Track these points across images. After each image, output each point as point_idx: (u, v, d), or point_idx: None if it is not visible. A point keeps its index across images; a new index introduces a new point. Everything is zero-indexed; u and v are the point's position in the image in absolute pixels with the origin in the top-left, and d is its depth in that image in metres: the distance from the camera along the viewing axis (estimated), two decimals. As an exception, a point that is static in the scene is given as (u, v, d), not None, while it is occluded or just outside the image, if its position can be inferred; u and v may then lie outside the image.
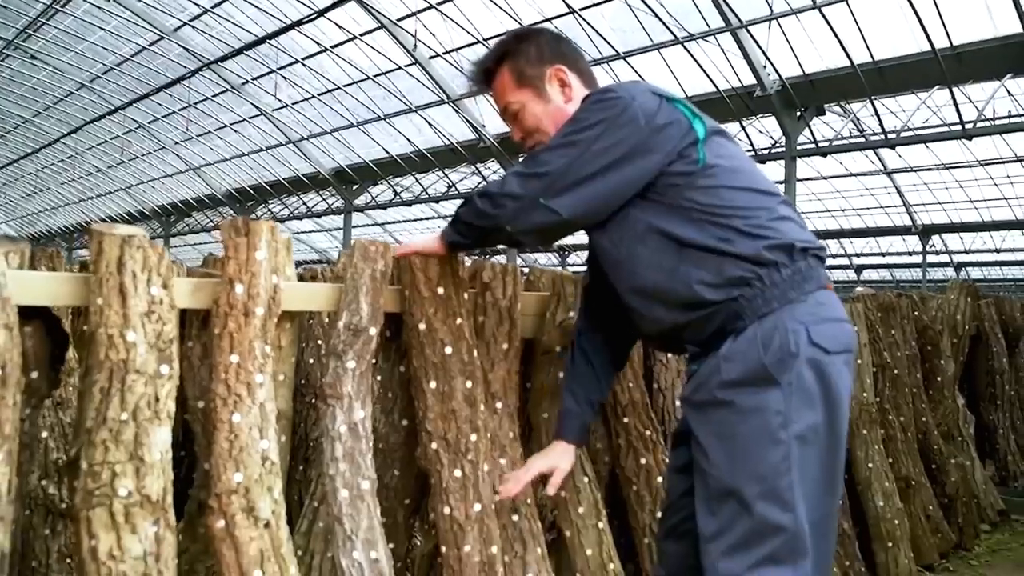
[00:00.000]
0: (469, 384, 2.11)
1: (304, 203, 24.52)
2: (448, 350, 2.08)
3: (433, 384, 2.09)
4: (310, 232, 26.87)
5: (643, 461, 2.53)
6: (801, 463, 1.69)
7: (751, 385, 1.72)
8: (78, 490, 1.63)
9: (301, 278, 2.71)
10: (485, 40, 14.01)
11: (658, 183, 1.81)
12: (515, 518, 2.21)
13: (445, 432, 2.09)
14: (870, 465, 3.46)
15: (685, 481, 1.93)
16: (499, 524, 2.17)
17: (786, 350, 1.71)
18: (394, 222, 23.98)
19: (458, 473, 2.08)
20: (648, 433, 2.54)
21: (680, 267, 1.80)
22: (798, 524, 1.67)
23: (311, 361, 2.87)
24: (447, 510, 2.07)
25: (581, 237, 2.22)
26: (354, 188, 21.76)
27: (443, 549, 2.08)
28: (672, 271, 1.81)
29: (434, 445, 2.09)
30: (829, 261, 20.76)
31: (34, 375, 1.80)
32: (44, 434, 2.40)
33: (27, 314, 1.69)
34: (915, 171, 15.67)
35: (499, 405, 2.23)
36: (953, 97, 11.37)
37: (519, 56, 2.04)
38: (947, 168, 15.32)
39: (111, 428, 1.63)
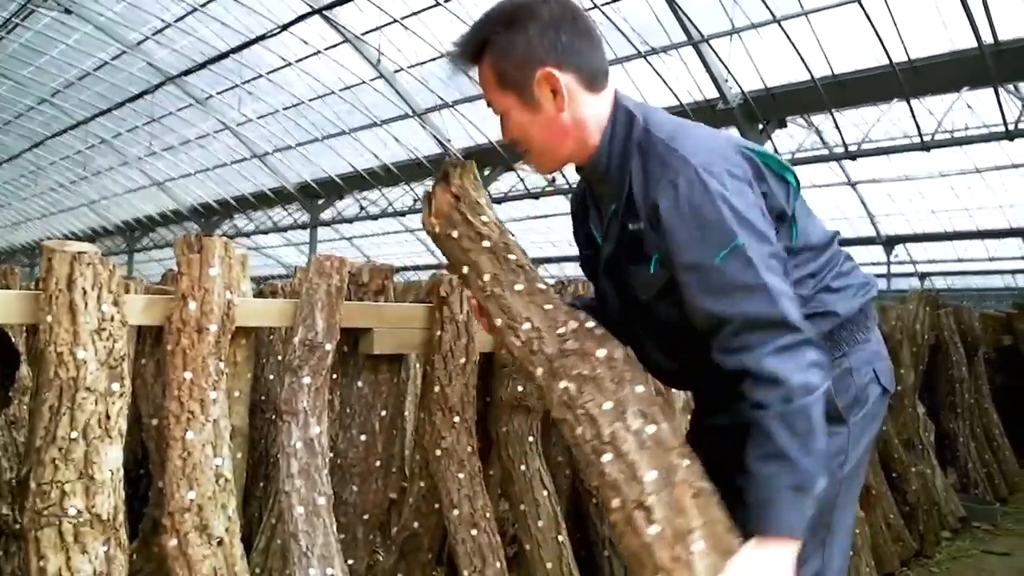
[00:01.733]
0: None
1: (270, 217, 24.36)
2: None
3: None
4: (278, 247, 26.68)
5: (603, 473, 2.53)
6: (845, 495, 1.71)
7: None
8: (27, 510, 1.61)
9: (261, 293, 2.70)
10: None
11: None
12: (474, 532, 2.21)
13: None
14: (830, 474, 3.49)
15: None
16: (458, 539, 2.16)
17: (859, 394, 1.69)
18: (362, 236, 23.87)
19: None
20: (608, 445, 2.55)
21: None
22: (826, 558, 1.68)
23: (271, 377, 2.85)
24: None
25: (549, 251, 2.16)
26: (320, 202, 21.67)
27: None
28: None
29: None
30: (794, 272, 20.97)
31: (-18, 394, 1.78)
32: (-4, 454, 2.36)
33: (-25, 332, 1.67)
34: (878, 182, 15.90)
35: (456, 419, 2.22)
36: (911, 109, 11.57)
37: (502, 52, 1.63)
38: (909, 179, 15.56)
39: (60, 447, 1.61)
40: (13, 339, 1.92)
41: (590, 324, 1.68)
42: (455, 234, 1.77)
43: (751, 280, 1.47)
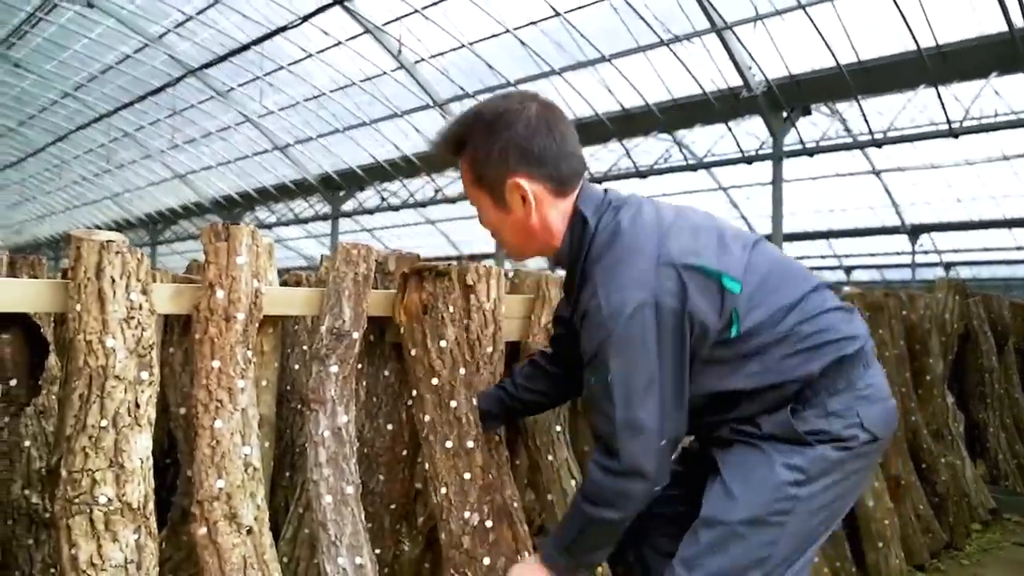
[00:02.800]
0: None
1: (291, 209, 24.44)
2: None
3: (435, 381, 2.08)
4: (298, 239, 26.78)
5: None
6: (798, 526, 1.73)
7: (785, 442, 1.74)
8: (58, 498, 1.61)
9: (285, 283, 2.69)
10: (470, 44, 14.01)
11: (700, 355, 1.73)
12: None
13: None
14: (859, 464, 3.45)
15: (669, 505, 1.92)
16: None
17: (825, 428, 1.72)
18: (383, 227, 23.92)
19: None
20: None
21: (733, 405, 1.79)
22: (772, 569, 1.72)
23: (297, 367, 2.85)
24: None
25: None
26: (341, 194, 21.71)
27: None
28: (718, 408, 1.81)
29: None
30: (818, 262, 20.82)
31: (13, 383, 1.78)
32: (27, 443, 2.36)
33: (5, 321, 1.67)
34: (903, 170, 15.73)
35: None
36: (939, 96, 11.41)
37: (479, 155, 1.77)
38: (935, 167, 15.39)
39: (91, 435, 1.61)
40: (42, 329, 1.92)
41: (489, 524, 2.02)
42: (413, 352, 2.07)
43: (605, 408, 1.69)
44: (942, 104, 11.49)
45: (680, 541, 1.77)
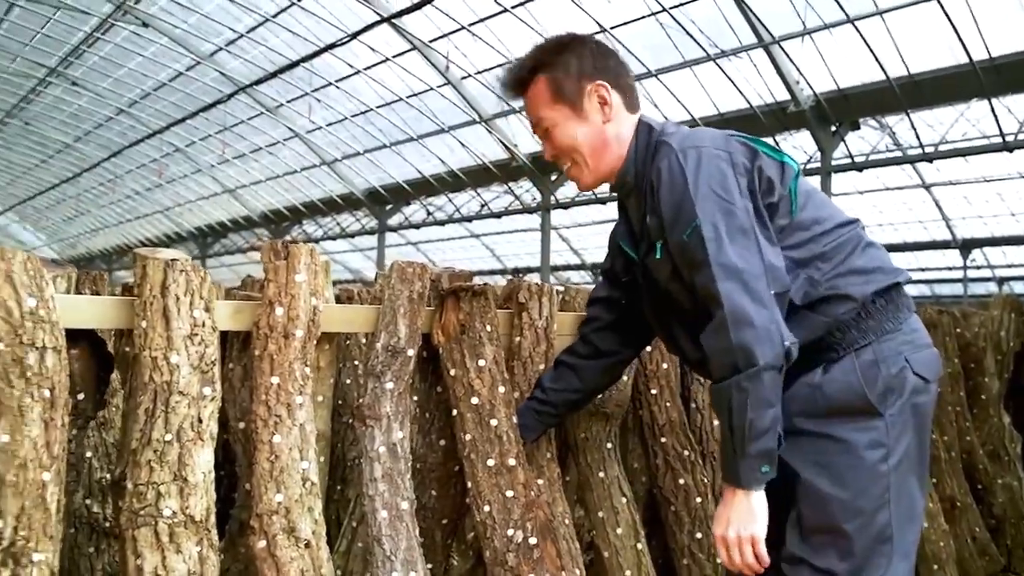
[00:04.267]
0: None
1: (338, 223, 24.71)
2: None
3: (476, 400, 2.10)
4: (344, 252, 27.05)
5: (681, 481, 2.51)
6: (898, 491, 1.73)
7: (850, 417, 1.74)
8: (123, 510, 1.65)
9: (338, 298, 2.73)
10: (527, 51, 14.06)
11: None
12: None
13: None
14: (913, 484, 3.41)
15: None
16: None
17: (891, 384, 1.73)
18: (427, 241, 24.07)
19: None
20: (686, 453, 2.53)
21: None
22: (893, 553, 1.72)
23: (348, 381, 2.89)
24: None
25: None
26: (387, 208, 21.90)
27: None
28: None
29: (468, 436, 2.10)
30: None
31: (80, 397, 1.83)
32: (88, 454, 2.43)
33: (73, 337, 1.72)
34: (954, 184, 15.47)
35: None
36: (992, 109, 11.22)
37: (557, 68, 1.87)
38: (987, 181, 15.11)
39: (156, 449, 1.65)
40: (106, 344, 1.98)
41: (533, 541, 2.03)
42: (452, 372, 2.10)
43: (700, 257, 1.66)
44: (995, 117, 11.29)
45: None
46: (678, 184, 1.70)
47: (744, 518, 1.69)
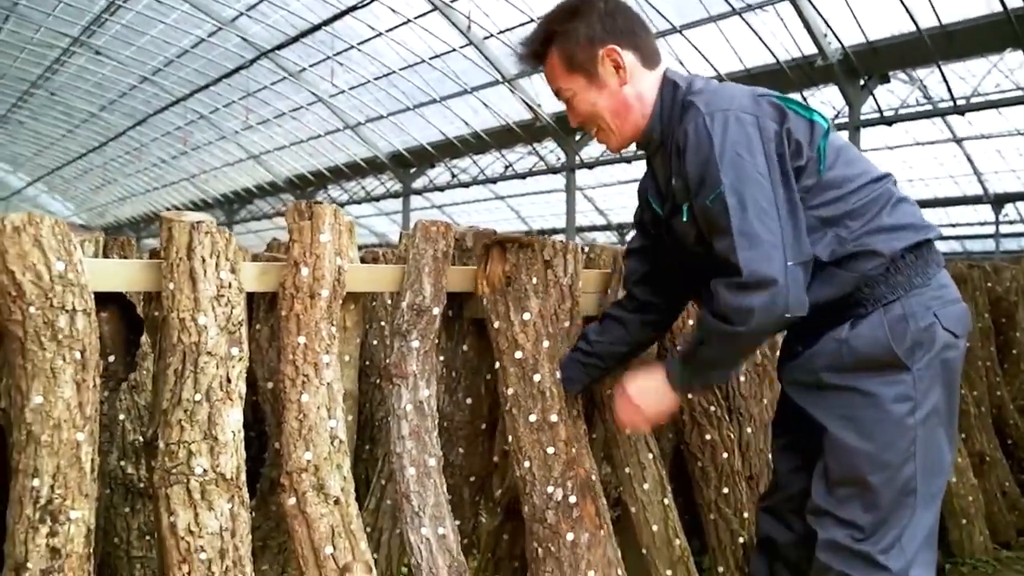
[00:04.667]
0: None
1: (363, 187, 24.74)
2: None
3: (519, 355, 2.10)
4: (369, 216, 27.10)
5: (708, 437, 2.51)
6: (925, 444, 1.74)
7: (878, 371, 1.74)
8: (156, 469, 1.68)
9: (363, 260, 2.74)
10: (539, 18, 13.91)
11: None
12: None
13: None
14: (942, 439, 3.39)
15: (791, 460, 1.98)
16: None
17: (919, 338, 1.73)
18: (452, 204, 24.06)
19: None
20: (713, 409, 2.52)
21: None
22: (918, 505, 1.74)
23: (375, 342, 2.91)
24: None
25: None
26: (411, 171, 21.88)
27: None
28: None
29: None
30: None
31: (111, 359, 1.86)
32: (121, 416, 2.47)
33: (103, 300, 1.75)
34: (987, 138, 15.18)
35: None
36: (1026, 60, 10.98)
37: (568, 37, 1.86)
38: (1021, 134, 14.81)
39: (186, 408, 1.68)
40: (136, 307, 2.00)
41: (572, 499, 2.05)
42: (496, 324, 2.10)
43: (722, 222, 1.68)
44: (1030, 68, 11.05)
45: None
46: (704, 148, 1.69)
47: (655, 400, 1.93)
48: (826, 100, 13.79)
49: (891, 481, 1.72)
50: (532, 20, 13.89)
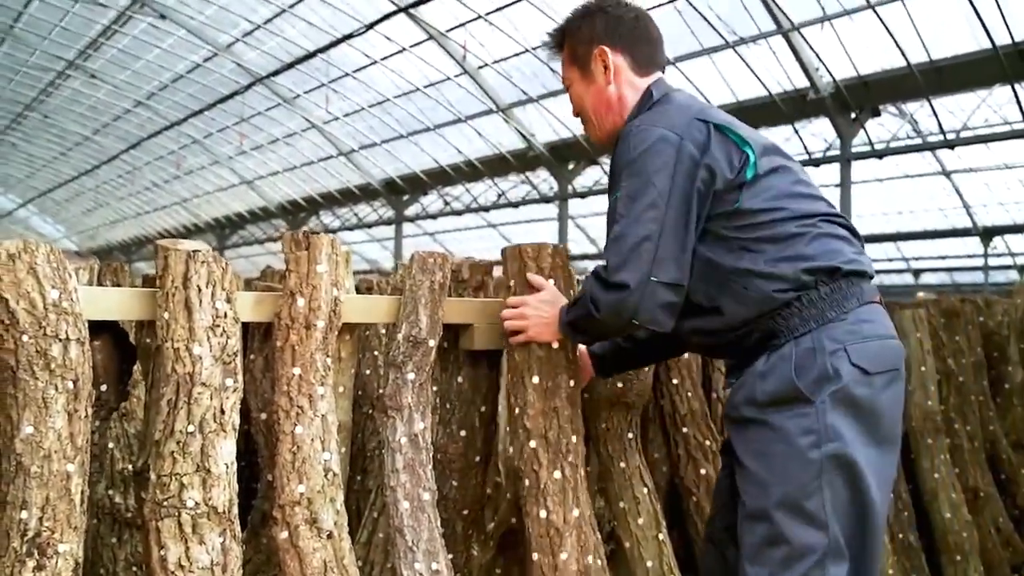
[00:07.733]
0: (572, 383, 2.09)
1: (355, 214, 24.76)
2: (555, 345, 2.07)
3: (536, 379, 2.06)
4: (361, 242, 27.09)
5: (703, 471, 2.50)
6: (832, 483, 1.71)
7: (787, 405, 1.74)
8: (147, 501, 1.65)
9: (358, 289, 2.73)
10: (533, 49, 14.03)
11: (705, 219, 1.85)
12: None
13: (546, 431, 2.05)
14: (936, 476, 3.38)
15: (728, 491, 1.96)
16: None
17: (823, 372, 1.72)
18: (444, 231, 24.08)
19: (557, 475, 2.04)
20: (707, 443, 2.51)
21: (719, 290, 1.83)
22: (831, 542, 1.70)
23: (368, 372, 2.89)
24: (543, 514, 2.02)
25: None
26: (404, 198, 21.92)
27: (536, 556, 2.01)
28: (712, 294, 1.84)
29: (533, 444, 2.04)
30: (885, 265, 20.36)
31: (103, 388, 1.84)
32: (110, 445, 2.44)
33: (96, 329, 1.73)
34: (975, 171, 15.30)
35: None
36: (1016, 95, 11.08)
37: (576, 34, 2.05)
38: (1009, 168, 14.93)
39: (179, 440, 1.65)
40: (129, 335, 1.99)
41: (557, 476, 2.03)
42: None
43: (611, 224, 1.85)
44: (1018, 103, 11.16)
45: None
46: (623, 154, 1.84)
47: (539, 323, 2.01)
48: (817, 133, 13.90)
49: (795, 515, 1.71)
50: (526, 50, 14.00)
